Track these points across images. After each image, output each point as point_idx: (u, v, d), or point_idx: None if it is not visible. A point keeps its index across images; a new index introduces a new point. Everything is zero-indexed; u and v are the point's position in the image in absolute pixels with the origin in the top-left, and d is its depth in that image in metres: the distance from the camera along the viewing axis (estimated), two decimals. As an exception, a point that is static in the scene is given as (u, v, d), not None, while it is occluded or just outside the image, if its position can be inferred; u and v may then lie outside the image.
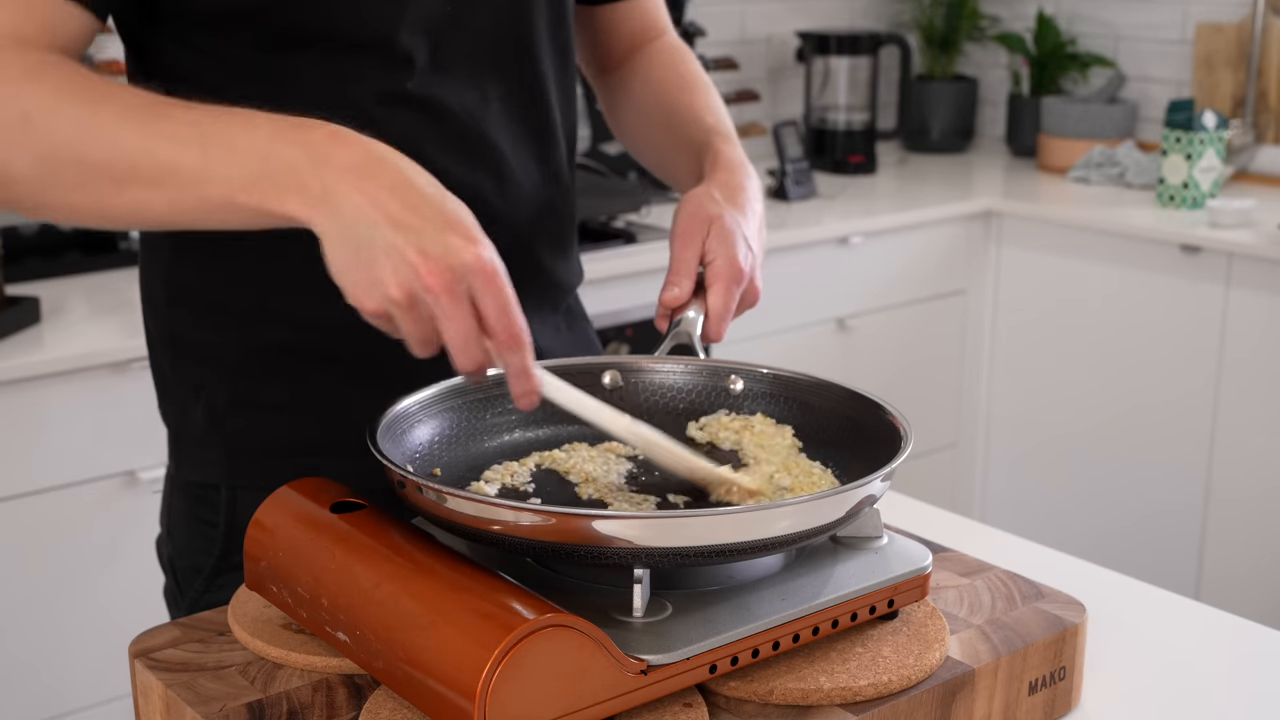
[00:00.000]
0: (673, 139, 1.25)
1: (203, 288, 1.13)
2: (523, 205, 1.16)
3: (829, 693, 0.86)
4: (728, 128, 1.23)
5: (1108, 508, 3.04)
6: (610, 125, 1.37)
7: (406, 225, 0.84)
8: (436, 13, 1.08)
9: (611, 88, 1.35)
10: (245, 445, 1.14)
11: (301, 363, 1.13)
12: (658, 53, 1.32)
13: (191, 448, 1.17)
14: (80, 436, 2.06)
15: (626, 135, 1.34)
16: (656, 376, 1.10)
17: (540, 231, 1.19)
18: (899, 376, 3.08)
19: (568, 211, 1.23)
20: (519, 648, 0.75)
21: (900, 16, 3.72)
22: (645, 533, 0.81)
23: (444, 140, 1.10)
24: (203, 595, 1.17)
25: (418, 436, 0.99)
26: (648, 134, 1.30)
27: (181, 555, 1.19)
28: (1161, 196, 3.01)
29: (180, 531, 1.19)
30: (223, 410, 1.14)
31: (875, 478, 0.88)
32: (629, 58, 1.33)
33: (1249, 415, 2.78)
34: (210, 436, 1.15)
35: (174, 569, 1.21)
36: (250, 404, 1.14)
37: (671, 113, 1.26)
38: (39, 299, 2.16)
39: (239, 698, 0.86)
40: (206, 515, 1.16)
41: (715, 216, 1.09)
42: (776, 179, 3.09)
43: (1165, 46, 3.43)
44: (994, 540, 1.29)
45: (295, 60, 1.05)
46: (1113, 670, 1.04)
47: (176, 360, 1.17)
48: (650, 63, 1.31)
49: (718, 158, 1.17)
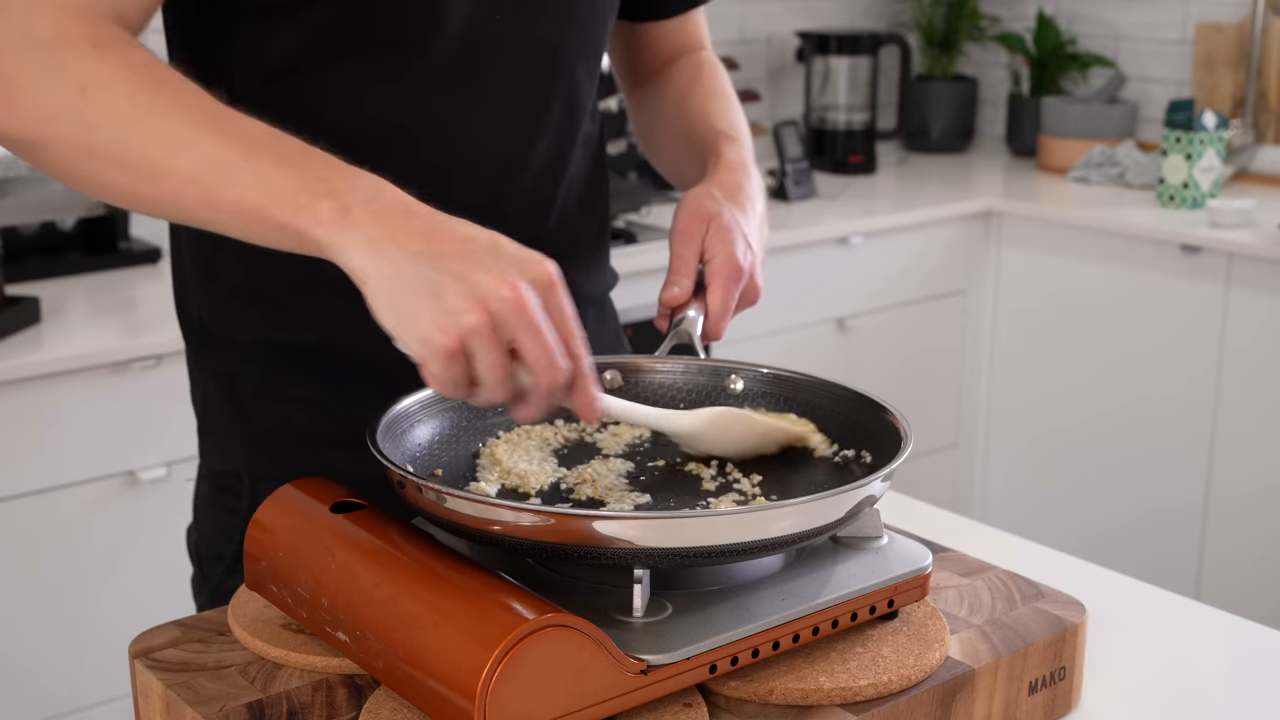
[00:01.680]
0: (687, 145, 1.25)
1: (236, 276, 1.14)
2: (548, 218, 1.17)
3: (829, 693, 0.86)
4: (739, 133, 1.22)
5: (1108, 507, 3.04)
6: (637, 137, 1.37)
7: (463, 253, 0.82)
8: (479, 19, 1.08)
9: (642, 100, 1.34)
10: (267, 435, 1.15)
11: (328, 357, 1.13)
12: (689, 65, 1.32)
13: (215, 435, 1.19)
14: (80, 436, 2.06)
15: (650, 146, 1.34)
16: (656, 376, 1.10)
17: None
18: (899, 376, 3.08)
19: (594, 223, 1.24)
20: (519, 648, 0.75)
21: (900, 16, 3.72)
22: (645, 533, 0.82)
23: (458, 151, 1.10)
24: (224, 581, 1.18)
25: (418, 436, 0.99)
26: (668, 143, 1.30)
27: (206, 543, 1.21)
28: (1161, 196, 3.01)
29: (206, 519, 1.21)
30: (246, 399, 1.15)
31: (875, 478, 0.88)
32: (663, 70, 1.33)
33: (1249, 415, 2.78)
34: (233, 425, 1.16)
35: (199, 556, 1.22)
36: (274, 394, 1.14)
37: (690, 121, 1.26)
38: (39, 299, 2.16)
39: (239, 698, 0.86)
40: (229, 503, 1.17)
41: (714, 214, 1.09)
42: (776, 179, 3.09)
43: (1165, 46, 3.43)
44: (994, 540, 1.29)
45: (327, 67, 1.06)
46: (1113, 670, 1.04)
47: (203, 347, 1.18)
48: (680, 75, 1.31)
49: (720, 158, 1.17)
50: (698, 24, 1.34)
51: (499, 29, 1.09)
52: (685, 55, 1.33)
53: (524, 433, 1.04)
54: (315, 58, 1.05)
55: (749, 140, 1.23)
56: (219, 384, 1.17)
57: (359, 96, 1.07)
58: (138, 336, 2.08)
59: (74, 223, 2.47)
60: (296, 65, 1.06)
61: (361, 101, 1.07)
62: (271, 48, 1.05)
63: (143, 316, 2.22)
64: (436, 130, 1.09)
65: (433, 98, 1.08)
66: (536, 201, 1.16)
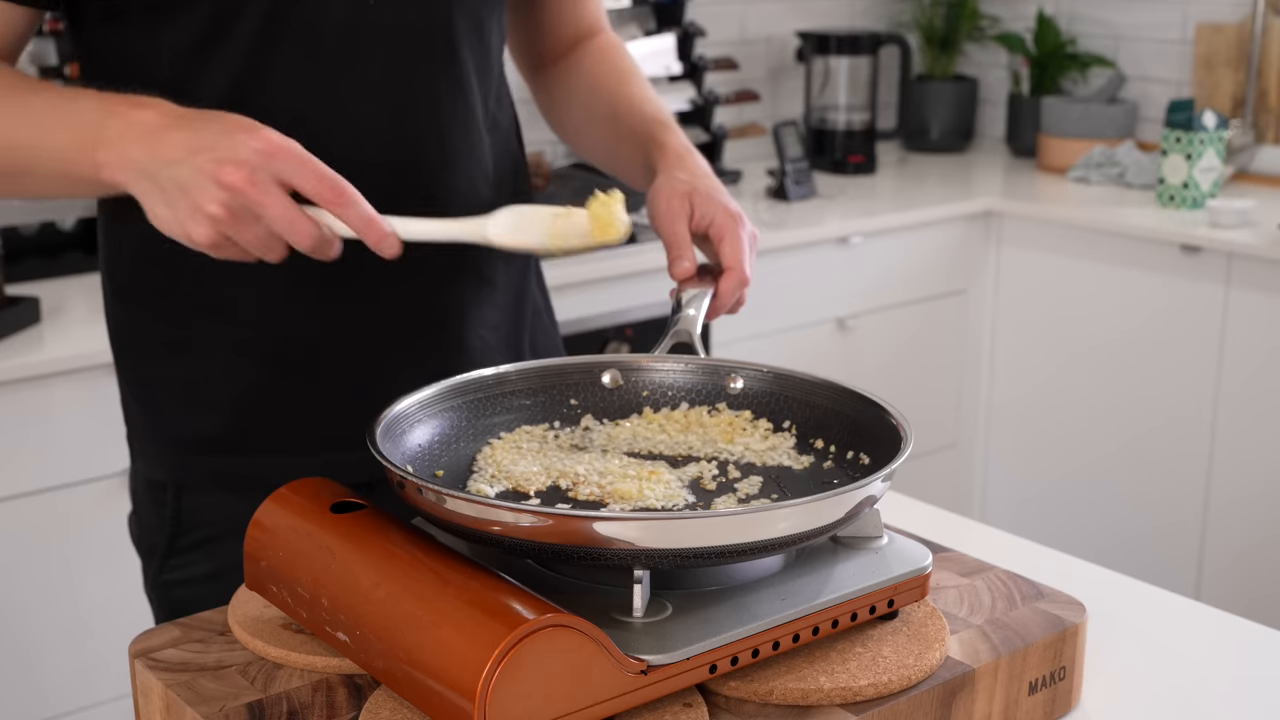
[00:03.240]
0: (617, 131, 1.27)
1: (152, 278, 1.15)
2: (452, 193, 1.16)
3: (829, 693, 0.86)
4: (667, 116, 1.25)
5: (1107, 507, 3.04)
6: (548, 120, 1.38)
7: (195, 148, 0.90)
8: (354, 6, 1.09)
9: (548, 84, 1.36)
10: (177, 440, 1.17)
11: (242, 358, 1.14)
12: (596, 49, 1.33)
13: (135, 436, 1.21)
14: (80, 436, 2.06)
15: (568, 130, 1.36)
16: (656, 375, 1.10)
17: None
18: (899, 376, 3.08)
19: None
20: (519, 648, 0.75)
21: (900, 16, 3.72)
22: (645, 534, 0.81)
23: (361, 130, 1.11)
24: (159, 575, 1.20)
25: (417, 437, 0.99)
26: (592, 128, 1.32)
27: (144, 533, 1.22)
28: (1161, 196, 3.01)
29: (142, 510, 1.22)
30: (156, 402, 1.17)
31: (875, 478, 0.88)
32: (567, 54, 1.34)
33: (1249, 414, 2.78)
34: (148, 429, 1.18)
35: (140, 546, 1.24)
36: (184, 399, 1.16)
37: (614, 105, 1.28)
38: (39, 299, 2.16)
39: (239, 698, 0.86)
40: (159, 495, 1.19)
41: (692, 188, 1.12)
42: (776, 179, 3.09)
43: (1165, 46, 3.43)
44: (994, 540, 1.29)
45: (215, 50, 1.07)
46: (1113, 670, 1.04)
47: (121, 349, 1.21)
48: (590, 58, 1.32)
49: (664, 148, 1.19)
50: (597, 5, 1.35)
51: (376, 15, 1.09)
52: (589, 39, 1.34)
53: (524, 434, 1.04)
54: (201, 48, 1.07)
55: (676, 121, 1.25)
56: (132, 387, 1.19)
57: (260, 82, 1.08)
58: (138, 336, 2.08)
59: (74, 223, 2.47)
60: (184, 55, 1.07)
61: (252, 88, 1.08)
62: (164, 40, 1.07)
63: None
64: (320, 118, 1.09)
65: (312, 85, 1.09)
66: (438, 189, 1.15)
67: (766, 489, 0.97)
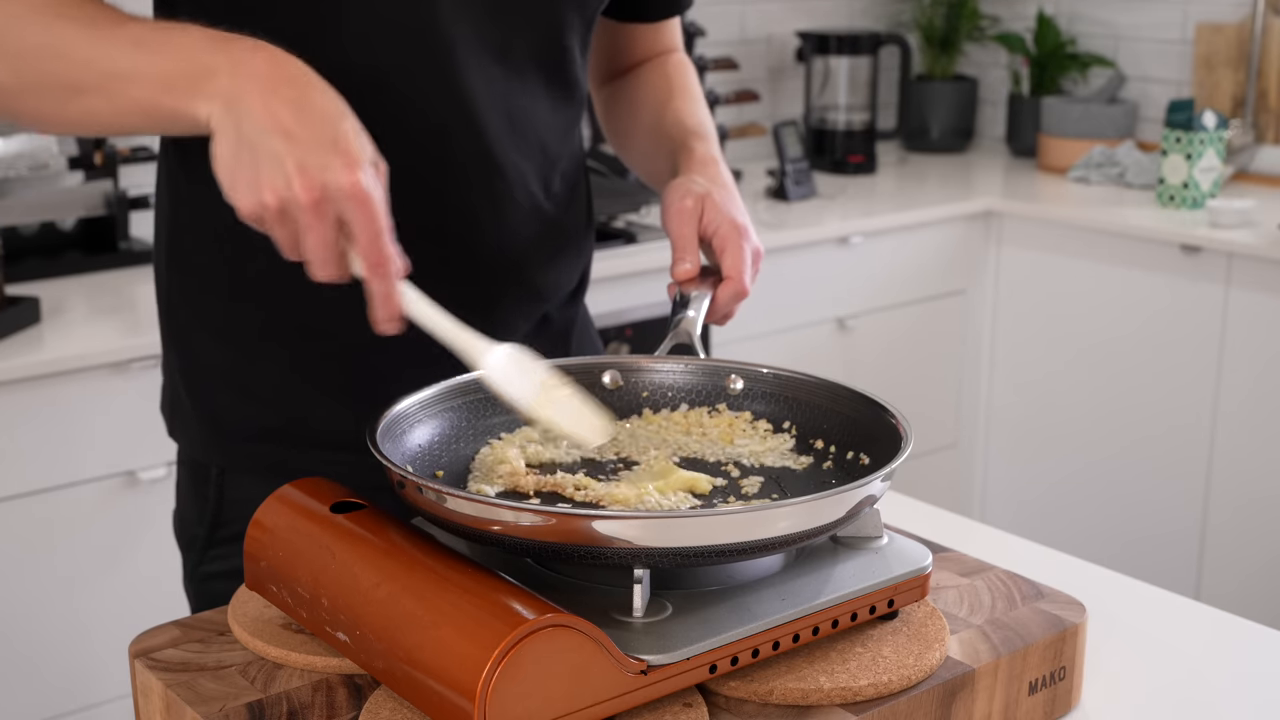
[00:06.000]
0: (656, 140, 1.28)
1: (201, 257, 1.16)
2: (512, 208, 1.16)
3: (829, 693, 0.86)
4: (707, 130, 1.26)
5: (1107, 507, 3.04)
6: (604, 130, 1.40)
7: (294, 137, 0.88)
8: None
9: (612, 96, 1.37)
10: (223, 425, 1.16)
11: (287, 349, 1.14)
12: (661, 64, 1.35)
13: (180, 420, 1.20)
14: (80, 436, 2.06)
15: (619, 140, 1.37)
16: (656, 376, 1.10)
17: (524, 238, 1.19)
18: (899, 376, 3.08)
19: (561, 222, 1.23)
20: (519, 648, 0.75)
21: (900, 16, 3.72)
22: (645, 533, 0.82)
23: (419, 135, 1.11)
24: (198, 567, 1.20)
25: (418, 437, 0.99)
26: (639, 139, 1.33)
27: (185, 526, 1.22)
28: (1161, 196, 3.01)
29: (183, 502, 1.22)
30: (202, 388, 1.17)
31: (875, 478, 0.88)
32: (635, 69, 1.36)
33: (1249, 415, 2.78)
34: (192, 413, 1.18)
35: (181, 539, 1.24)
36: (231, 385, 1.15)
37: (660, 116, 1.29)
38: (39, 299, 2.16)
39: (239, 698, 0.86)
40: (200, 488, 1.19)
41: (705, 193, 1.13)
42: (776, 179, 3.09)
43: (1165, 46, 3.43)
44: (994, 540, 1.29)
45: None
46: (1113, 670, 1.04)
47: (169, 332, 1.20)
48: (654, 72, 1.34)
49: (691, 154, 1.21)
50: (674, 29, 1.38)
51: None
52: (659, 56, 1.36)
53: (524, 434, 1.04)
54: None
55: (716, 137, 1.27)
56: (179, 372, 1.19)
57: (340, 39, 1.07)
58: (138, 336, 2.08)
59: (74, 223, 2.47)
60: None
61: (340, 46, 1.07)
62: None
63: (142, 316, 2.21)
64: (420, 84, 1.09)
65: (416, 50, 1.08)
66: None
67: (766, 489, 0.97)
